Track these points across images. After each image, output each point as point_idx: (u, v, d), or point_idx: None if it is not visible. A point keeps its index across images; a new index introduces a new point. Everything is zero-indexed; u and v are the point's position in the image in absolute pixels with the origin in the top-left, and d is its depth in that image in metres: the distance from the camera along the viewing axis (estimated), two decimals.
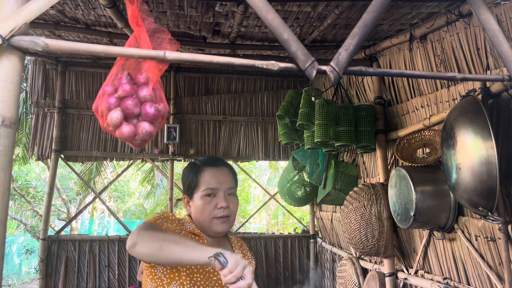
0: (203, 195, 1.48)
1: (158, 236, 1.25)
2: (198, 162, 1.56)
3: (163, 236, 1.26)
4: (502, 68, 1.93)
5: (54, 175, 4.47)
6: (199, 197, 1.48)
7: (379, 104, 3.06)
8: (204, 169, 1.51)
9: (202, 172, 1.51)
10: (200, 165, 1.54)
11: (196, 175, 1.51)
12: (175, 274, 1.37)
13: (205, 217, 1.47)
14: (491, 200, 1.70)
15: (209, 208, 1.47)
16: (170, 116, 4.61)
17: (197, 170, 1.52)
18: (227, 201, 1.49)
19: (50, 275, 4.25)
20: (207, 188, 1.48)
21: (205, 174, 1.50)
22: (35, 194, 11.91)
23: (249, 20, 2.72)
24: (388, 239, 2.76)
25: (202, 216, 1.47)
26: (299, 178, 4.14)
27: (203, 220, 1.48)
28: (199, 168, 1.53)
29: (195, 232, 1.48)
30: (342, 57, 1.08)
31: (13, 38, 0.89)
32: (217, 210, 1.47)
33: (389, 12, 2.47)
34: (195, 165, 1.56)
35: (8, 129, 0.87)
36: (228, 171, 1.55)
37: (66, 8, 2.70)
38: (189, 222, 1.51)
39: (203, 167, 1.52)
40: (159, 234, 1.26)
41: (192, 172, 1.53)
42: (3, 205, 0.86)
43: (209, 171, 1.51)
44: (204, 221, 1.47)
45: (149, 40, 1.44)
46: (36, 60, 4.51)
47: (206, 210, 1.47)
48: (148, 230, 1.29)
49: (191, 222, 1.52)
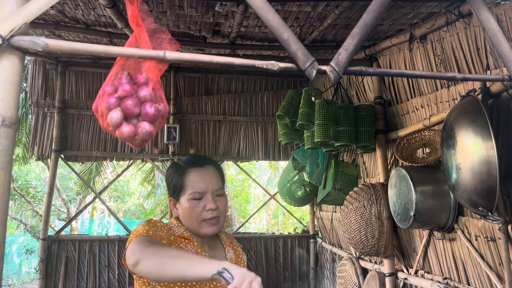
0: (190, 199, 1.41)
1: (160, 252, 1.18)
2: (182, 163, 1.48)
3: (165, 251, 1.19)
4: (502, 68, 1.93)
5: (54, 175, 4.47)
6: (186, 200, 1.42)
7: (379, 104, 3.06)
8: (189, 171, 1.44)
9: (187, 174, 1.43)
10: (184, 167, 1.46)
11: (181, 177, 1.44)
12: (170, 285, 1.34)
13: (193, 221, 1.42)
14: (491, 200, 1.70)
15: (197, 211, 1.41)
16: (170, 116, 4.61)
17: (182, 172, 1.45)
18: (216, 202, 1.43)
19: (50, 275, 4.25)
20: (194, 192, 1.41)
21: (190, 176, 1.43)
22: (35, 194, 11.92)
23: (249, 20, 2.72)
24: (388, 239, 2.76)
25: (190, 219, 1.42)
26: (299, 178, 4.14)
27: (191, 223, 1.43)
28: (184, 169, 1.45)
29: (184, 235, 1.43)
30: (342, 57, 1.08)
31: (13, 38, 0.89)
32: (205, 212, 1.41)
33: (389, 12, 2.47)
34: (179, 166, 1.48)
35: (8, 129, 0.87)
36: (214, 170, 1.48)
37: (66, 8, 2.70)
38: (177, 226, 1.46)
39: (187, 168, 1.45)
40: (161, 250, 1.19)
41: (177, 174, 1.46)
42: (3, 205, 0.86)
43: (194, 172, 1.44)
44: (193, 224, 1.42)
45: (149, 40, 1.44)
46: (36, 60, 4.51)
47: (194, 214, 1.41)
48: (148, 245, 1.21)
49: (179, 225, 1.46)
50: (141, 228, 1.33)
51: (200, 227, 1.42)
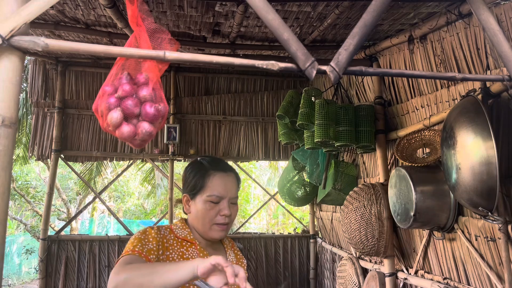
0: (207, 200, 1.44)
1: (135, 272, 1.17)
2: (206, 163, 1.51)
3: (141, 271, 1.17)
4: (502, 68, 1.93)
5: (54, 175, 4.46)
6: (203, 201, 1.45)
7: (379, 104, 3.06)
8: (212, 173, 1.47)
9: (210, 176, 1.46)
10: (208, 168, 1.49)
11: (203, 177, 1.47)
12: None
13: (205, 222, 1.44)
14: (491, 200, 1.70)
15: (211, 214, 1.44)
16: (170, 116, 4.61)
17: (205, 173, 1.47)
18: (230, 209, 1.46)
19: (50, 275, 4.25)
20: (214, 195, 1.44)
21: (213, 178, 1.46)
22: (35, 194, 11.91)
23: (249, 20, 2.72)
24: (388, 239, 2.76)
25: (202, 220, 1.44)
26: (299, 178, 4.14)
27: (202, 225, 1.45)
28: (207, 170, 1.48)
29: (188, 239, 1.45)
30: (342, 57, 1.08)
31: (13, 38, 0.89)
32: (219, 216, 1.44)
33: (389, 12, 2.47)
34: (202, 166, 1.50)
35: (8, 129, 0.87)
36: (234, 179, 1.52)
37: (66, 8, 2.70)
38: (181, 228, 1.48)
39: (211, 170, 1.48)
40: (135, 270, 1.18)
41: (199, 173, 1.48)
42: (3, 205, 0.86)
43: (217, 176, 1.47)
44: (204, 226, 1.45)
45: (149, 40, 1.44)
46: (36, 60, 4.51)
47: (208, 216, 1.44)
48: (126, 268, 1.20)
49: (184, 227, 1.48)
50: (129, 245, 1.34)
51: (210, 230, 1.45)
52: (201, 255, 1.43)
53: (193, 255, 1.42)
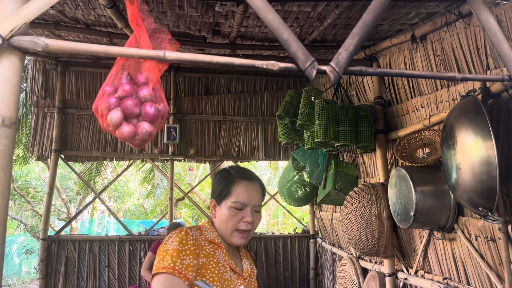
0: (231, 206, 1.50)
1: None
2: (233, 172, 1.58)
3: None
4: (502, 68, 1.93)
5: (54, 175, 4.46)
6: (227, 207, 1.50)
7: (379, 104, 3.06)
8: (238, 181, 1.53)
9: (236, 184, 1.52)
10: (234, 175, 1.55)
11: (229, 184, 1.53)
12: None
13: (228, 227, 1.49)
14: (491, 200, 1.70)
15: (234, 220, 1.49)
16: (170, 116, 4.61)
17: (231, 180, 1.54)
18: (253, 216, 1.51)
19: (50, 275, 4.25)
20: (238, 202, 1.50)
21: (238, 186, 1.52)
22: (35, 194, 11.90)
23: (249, 20, 2.72)
24: (388, 239, 2.76)
25: (226, 225, 1.50)
26: (299, 178, 4.13)
27: (225, 229, 1.50)
28: (233, 178, 1.54)
29: (215, 241, 1.50)
30: (342, 57, 1.08)
31: (13, 38, 0.89)
32: (241, 223, 1.49)
33: (389, 12, 2.47)
34: (230, 174, 1.57)
35: (8, 129, 0.87)
36: (259, 188, 1.58)
37: (66, 8, 2.70)
38: (210, 230, 1.53)
39: (237, 178, 1.54)
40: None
41: (226, 180, 1.55)
42: (3, 205, 0.86)
43: (242, 184, 1.53)
44: (226, 230, 1.50)
45: (149, 40, 1.44)
46: (36, 60, 4.51)
47: (231, 221, 1.49)
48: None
49: (212, 230, 1.54)
50: (168, 257, 1.35)
51: (232, 235, 1.50)
52: (226, 258, 1.49)
53: (219, 258, 1.47)
